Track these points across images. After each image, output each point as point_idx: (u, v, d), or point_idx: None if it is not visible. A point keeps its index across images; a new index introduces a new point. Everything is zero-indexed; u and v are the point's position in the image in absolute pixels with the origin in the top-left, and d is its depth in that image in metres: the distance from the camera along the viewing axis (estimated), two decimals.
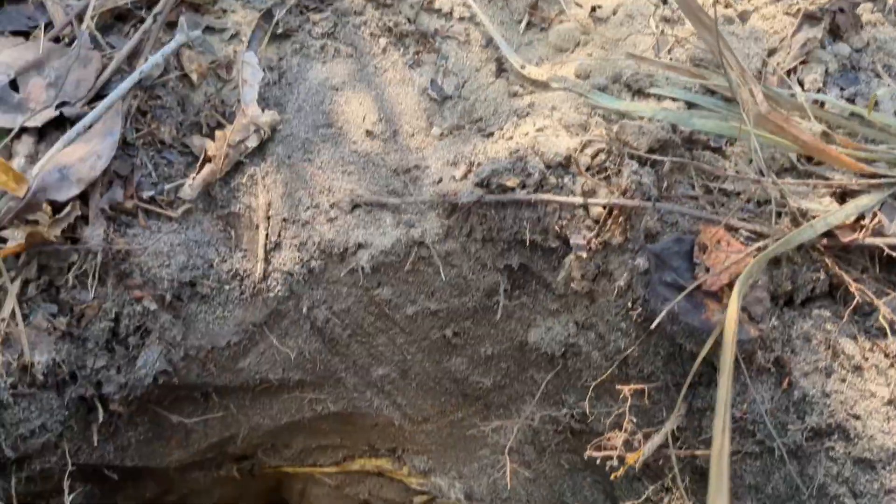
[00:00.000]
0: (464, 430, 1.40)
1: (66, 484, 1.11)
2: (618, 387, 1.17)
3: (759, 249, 1.02)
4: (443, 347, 1.29)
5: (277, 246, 1.16)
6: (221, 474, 1.45)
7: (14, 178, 0.96)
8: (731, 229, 1.04)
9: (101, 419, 1.11)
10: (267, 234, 1.15)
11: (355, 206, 1.16)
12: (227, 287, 1.14)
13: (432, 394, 1.35)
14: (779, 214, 1.07)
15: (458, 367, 1.31)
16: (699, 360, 1.05)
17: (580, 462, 1.37)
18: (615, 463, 1.16)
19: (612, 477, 1.17)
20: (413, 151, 1.21)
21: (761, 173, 1.03)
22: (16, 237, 0.98)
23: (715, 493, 0.58)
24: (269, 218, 1.16)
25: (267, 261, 1.15)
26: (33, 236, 0.97)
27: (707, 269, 1.02)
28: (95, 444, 1.15)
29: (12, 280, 1.02)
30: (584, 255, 1.10)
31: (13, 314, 1.01)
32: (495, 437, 1.39)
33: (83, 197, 1.05)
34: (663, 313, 1.01)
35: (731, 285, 1.02)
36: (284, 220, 1.16)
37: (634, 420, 1.16)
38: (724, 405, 0.64)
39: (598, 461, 1.25)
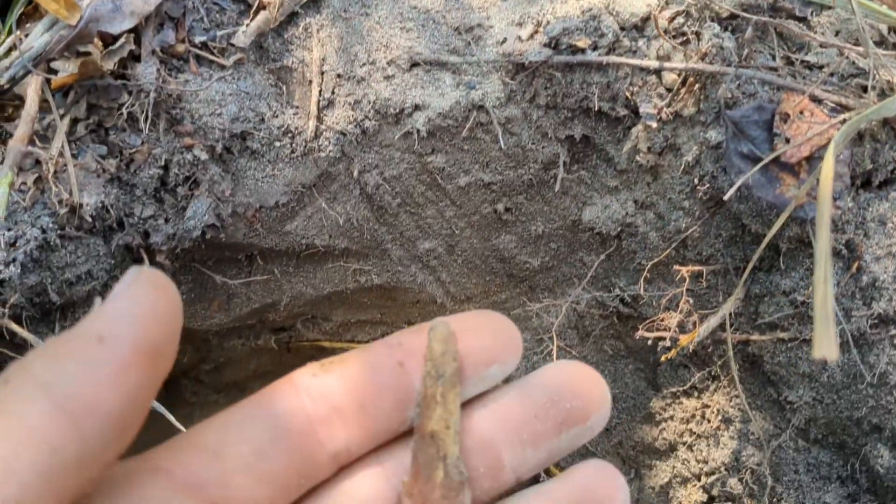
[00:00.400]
0: (506, 311, 1.38)
1: None
2: (675, 267, 1.14)
3: (843, 122, 0.97)
4: (493, 223, 1.25)
5: (330, 103, 1.11)
6: (259, 345, 1.44)
7: (66, 6, 0.91)
8: (816, 100, 0.99)
9: None
10: (320, 91, 1.11)
11: (414, 65, 1.11)
12: (277, 144, 1.10)
13: (477, 272, 1.32)
14: (864, 89, 1.01)
15: (507, 246, 1.28)
16: (768, 237, 1.01)
17: (623, 349, 1.35)
18: (668, 344, 1.14)
19: (662, 359, 1.15)
20: (476, 10, 1.15)
21: (855, 42, 0.97)
22: (67, 69, 0.94)
23: (821, 335, 0.54)
24: (322, 73, 1.11)
25: (319, 118, 1.11)
26: (86, 66, 0.92)
27: (787, 141, 0.97)
28: None
29: (61, 117, 0.98)
30: (654, 125, 1.05)
31: (62, 153, 0.97)
32: (537, 321, 1.37)
33: (135, 34, 1.00)
34: (737, 185, 0.97)
35: (810, 158, 0.97)
36: (339, 76, 1.11)
37: (690, 301, 1.13)
38: (825, 255, 0.60)
39: (645, 345, 1.23)
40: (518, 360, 0.64)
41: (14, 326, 0.99)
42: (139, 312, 0.45)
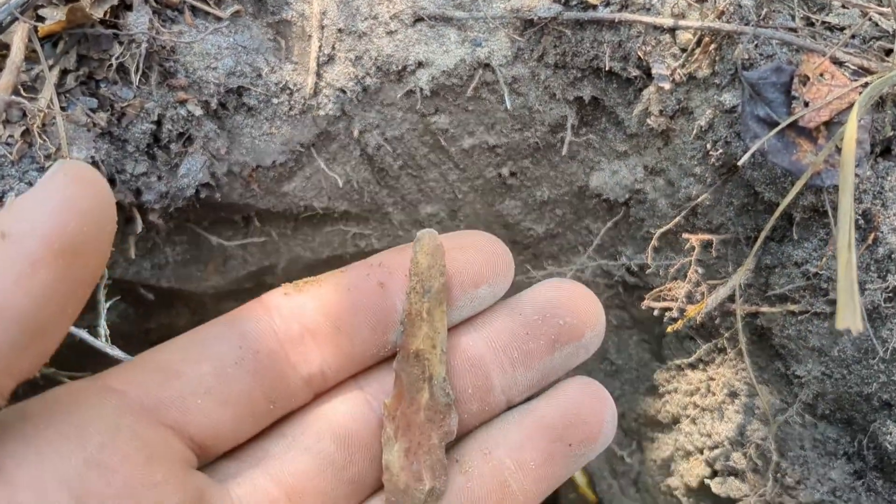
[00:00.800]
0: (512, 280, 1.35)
1: (102, 295, 1.06)
2: (684, 236, 1.10)
3: (864, 86, 0.92)
4: (497, 188, 1.21)
5: (330, 59, 1.07)
6: None
7: None
8: (837, 62, 0.94)
9: (139, 230, 1.06)
10: (320, 46, 1.06)
11: (418, 20, 1.06)
12: (275, 101, 1.06)
13: None
14: (887, 52, 0.97)
15: (511, 212, 1.24)
16: (783, 205, 0.97)
17: (628, 319, 1.32)
18: (675, 315, 1.11)
19: (668, 330, 1.12)
20: None
21: (879, 2, 0.92)
22: (55, 16, 0.90)
23: (845, 304, 0.51)
24: (322, 28, 1.07)
25: (318, 75, 1.07)
26: (74, 13, 0.88)
27: (805, 104, 0.93)
28: (133, 258, 1.10)
29: (50, 68, 0.94)
30: (666, 86, 1.01)
31: (50, 105, 0.93)
32: None
33: None
34: (752, 149, 0.93)
35: (829, 123, 0.93)
36: (339, 30, 1.06)
37: (700, 271, 1.10)
38: (848, 220, 0.57)
39: (651, 316, 1.20)
40: (508, 283, 0.60)
41: None
42: (53, 207, 0.41)
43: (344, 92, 1.07)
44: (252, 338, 0.54)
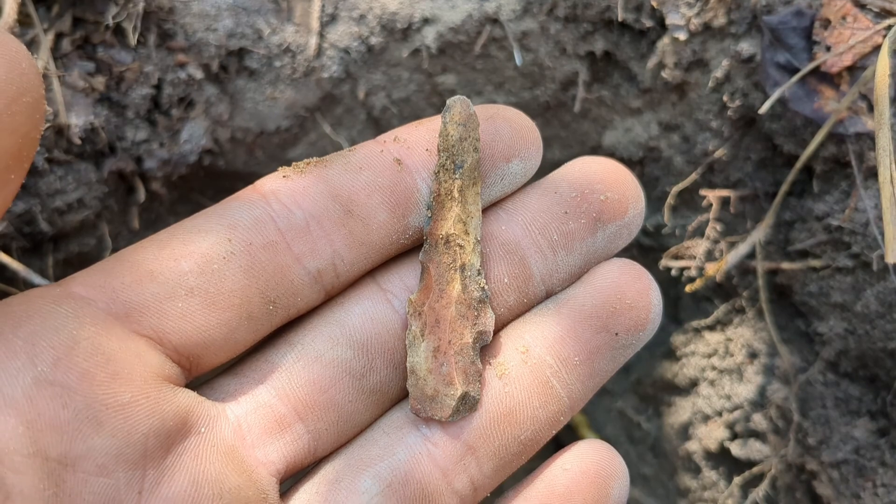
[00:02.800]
0: None
1: None
2: (702, 192, 1.07)
3: (888, 28, 0.89)
4: None
5: (333, 18, 1.03)
6: None
7: None
8: (859, 5, 0.91)
9: (141, 199, 1.03)
10: (322, 4, 1.03)
11: None
12: (277, 63, 1.03)
13: None
14: None
15: None
16: (805, 154, 0.94)
17: None
18: (693, 274, 1.08)
19: (687, 289, 1.09)
20: None
21: None
22: None
23: (893, 238, 0.48)
24: None
25: (321, 35, 1.03)
26: None
27: (828, 49, 0.89)
28: (136, 228, 1.07)
29: (45, 32, 0.91)
30: (682, 37, 0.97)
31: (47, 69, 0.90)
32: None
33: None
34: (773, 97, 0.90)
35: (852, 69, 0.90)
36: None
37: (718, 229, 1.07)
38: (887, 153, 0.54)
39: (667, 278, 1.17)
40: (539, 159, 0.53)
41: (3, 257, 0.93)
42: None
43: (348, 52, 1.04)
44: (244, 227, 0.46)
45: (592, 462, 0.52)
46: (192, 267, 0.45)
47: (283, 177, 0.49)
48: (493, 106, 0.53)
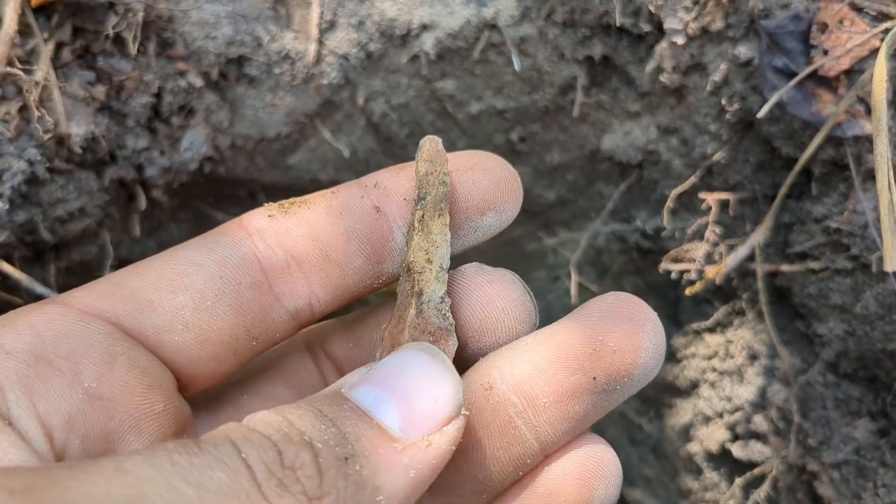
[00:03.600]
0: (520, 248, 1.32)
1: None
2: (701, 195, 1.08)
3: (885, 32, 0.89)
4: (506, 154, 1.19)
5: (332, 25, 1.04)
6: None
7: None
8: (856, 8, 0.91)
9: (142, 207, 1.04)
10: (321, 11, 1.03)
11: None
12: (276, 70, 1.03)
13: None
14: None
15: (521, 178, 1.21)
16: (803, 157, 0.95)
17: (644, 285, 1.30)
18: (693, 277, 1.09)
19: (687, 292, 1.09)
20: None
21: None
22: None
23: (891, 246, 0.49)
24: None
25: (320, 42, 1.04)
26: None
27: (825, 53, 0.90)
28: (137, 236, 1.08)
29: (45, 41, 0.92)
30: (680, 41, 0.98)
31: (47, 79, 0.91)
32: (553, 258, 1.32)
33: None
34: (771, 101, 0.90)
35: (850, 72, 0.91)
36: None
37: (717, 231, 1.08)
38: (884, 159, 0.55)
39: (667, 281, 1.18)
40: (517, 210, 0.53)
41: (6, 266, 0.94)
42: None
43: (347, 59, 1.04)
44: (233, 265, 0.48)
45: (577, 461, 0.50)
46: (187, 302, 0.47)
47: (269, 216, 0.50)
48: (475, 155, 0.53)
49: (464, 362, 0.51)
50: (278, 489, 0.34)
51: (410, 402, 0.41)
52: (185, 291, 0.47)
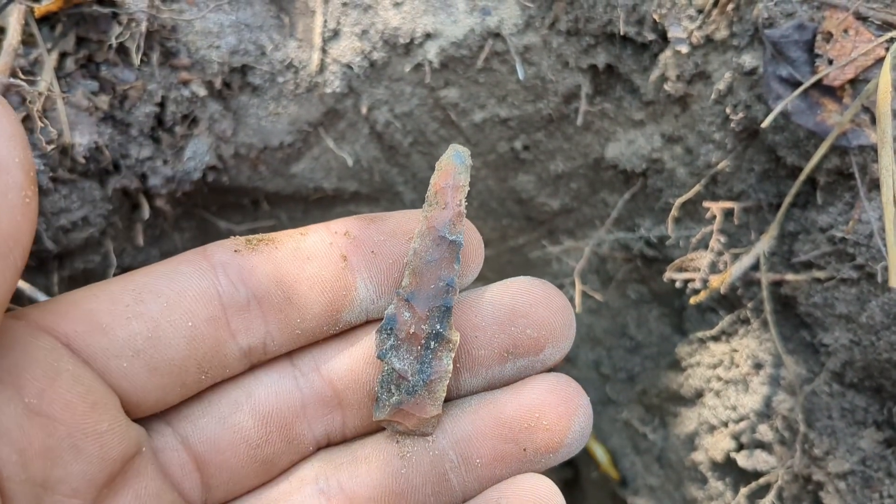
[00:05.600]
0: (524, 257, 1.32)
1: None
2: (705, 204, 1.07)
3: (890, 41, 0.89)
4: (510, 162, 1.18)
5: (335, 34, 1.04)
6: None
7: None
8: (860, 18, 0.91)
9: (146, 216, 1.03)
10: (324, 20, 1.03)
11: None
12: (280, 79, 1.03)
13: (494, 215, 1.26)
14: None
15: (525, 187, 1.21)
16: (808, 167, 0.94)
17: (648, 293, 1.29)
18: (697, 286, 1.08)
19: (691, 301, 1.09)
20: None
21: None
22: None
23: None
24: (326, 1, 1.04)
25: (324, 51, 1.04)
26: None
27: (830, 62, 0.89)
28: (141, 245, 1.08)
29: (49, 51, 0.92)
30: (684, 49, 0.97)
31: (50, 88, 0.91)
32: (557, 266, 1.31)
33: None
34: (776, 111, 0.90)
35: (854, 81, 0.90)
36: (344, 4, 1.03)
37: (722, 240, 1.07)
38: (889, 172, 0.54)
39: (671, 289, 1.17)
40: (477, 272, 0.56)
41: None
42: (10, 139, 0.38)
43: (350, 68, 1.04)
44: (191, 298, 0.48)
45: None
46: (141, 329, 0.47)
47: (235, 251, 0.50)
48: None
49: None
50: None
51: None
52: (140, 319, 0.47)
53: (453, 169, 0.52)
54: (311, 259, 0.51)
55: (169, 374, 0.48)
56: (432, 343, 0.52)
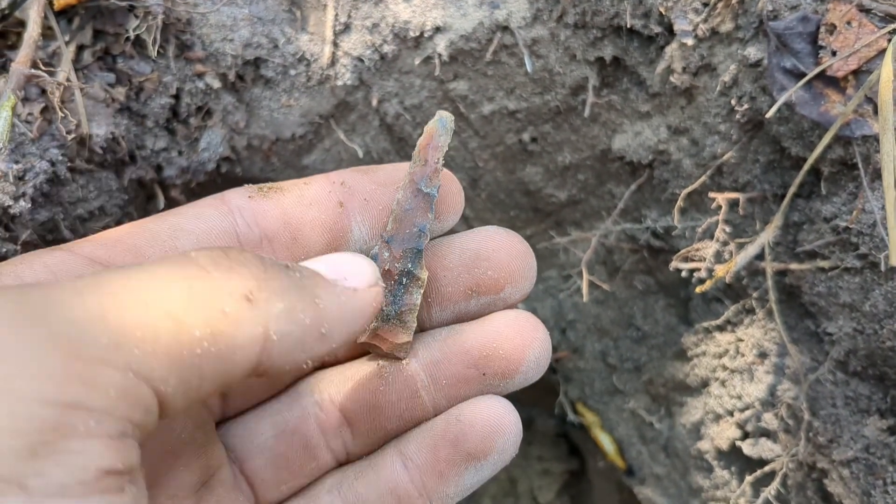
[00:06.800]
0: (532, 247, 1.34)
1: None
2: (710, 194, 1.09)
3: (892, 32, 0.90)
4: (518, 154, 1.20)
5: (347, 28, 1.06)
6: None
7: None
8: (864, 10, 0.92)
9: (161, 207, 1.06)
10: (336, 14, 1.05)
11: None
12: (292, 72, 1.05)
13: (502, 206, 1.28)
14: None
15: (532, 178, 1.23)
16: (812, 157, 0.95)
17: (654, 284, 1.31)
18: (703, 275, 1.10)
19: (697, 290, 1.10)
20: None
21: None
22: None
23: None
24: None
25: (335, 44, 1.05)
26: None
27: (833, 53, 0.91)
28: None
29: (67, 44, 0.94)
30: (690, 42, 0.99)
31: (68, 80, 0.93)
32: (564, 257, 1.33)
33: None
34: (780, 102, 0.91)
35: (858, 72, 0.92)
36: None
37: (727, 230, 1.09)
38: (891, 158, 0.56)
39: (677, 280, 1.19)
40: (457, 218, 0.63)
41: None
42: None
43: (361, 61, 1.06)
44: (215, 235, 0.55)
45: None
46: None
47: (249, 197, 0.57)
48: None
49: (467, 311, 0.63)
50: (225, 271, 0.41)
51: (340, 267, 0.50)
52: (174, 252, 0.53)
53: (435, 132, 0.59)
54: (313, 205, 0.58)
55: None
56: (404, 279, 0.59)
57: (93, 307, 0.37)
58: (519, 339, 0.60)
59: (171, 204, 1.08)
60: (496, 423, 0.60)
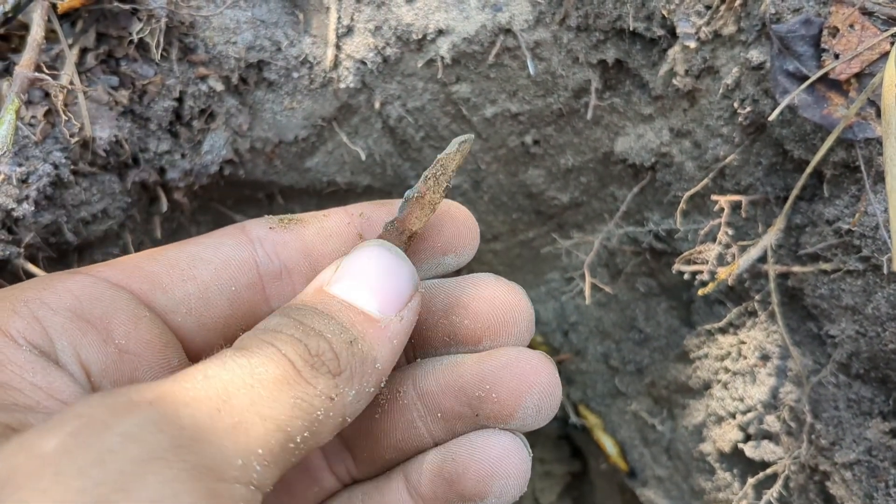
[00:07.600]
0: (534, 250, 1.34)
1: None
2: (713, 197, 1.09)
3: (894, 35, 0.90)
4: (520, 157, 1.20)
5: (349, 30, 1.06)
6: None
7: None
8: (866, 13, 0.92)
9: (164, 209, 1.06)
10: (338, 17, 1.05)
11: None
12: (295, 74, 1.05)
13: (504, 209, 1.28)
14: None
15: (535, 181, 1.23)
16: (815, 159, 0.95)
17: (656, 286, 1.31)
18: (705, 278, 1.10)
19: (699, 293, 1.10)
20: None
21: None
22: None
23: None
24: None
25: (338, 47, 1.06)
26: None
27: (836, 56, 0.91)
28: (159, 237, 1.10)
29: (70, 47, 0.94)
30: (692, 45, 0.99)
31: (72, 83, 0.93)
32: (567, 260, 1.33)
33: None
34: (783, 104, 0.91)
35: (860, 75, 0.92)
36: (357, 0, 1.05)
37: (730, 233, 1.09)
38: (894, 162, 0.56)
39: (679, 282, 1.19)
40: (473, 252, 0.62)
41: (31, 267, 0.96)
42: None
43: (364, 63, 1.06)
44: (235, 266, 0.56)
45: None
46: (194, 290, 0.55)
47: (269, 227, 0.58)
48: (445, 202, 0.61)
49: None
50: (312, 371, 0.45)
51: (381, 289, 0.51)
52: (193, 282, 0.55)
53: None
54: (333, 236, 0.59)
55: (215, 330, 0.56)
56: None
57: (221, 428, 0.40)
58: (515, 384, 0.56)
59: (174, 206, 1.08)
60: (493, 466, 0.57)
